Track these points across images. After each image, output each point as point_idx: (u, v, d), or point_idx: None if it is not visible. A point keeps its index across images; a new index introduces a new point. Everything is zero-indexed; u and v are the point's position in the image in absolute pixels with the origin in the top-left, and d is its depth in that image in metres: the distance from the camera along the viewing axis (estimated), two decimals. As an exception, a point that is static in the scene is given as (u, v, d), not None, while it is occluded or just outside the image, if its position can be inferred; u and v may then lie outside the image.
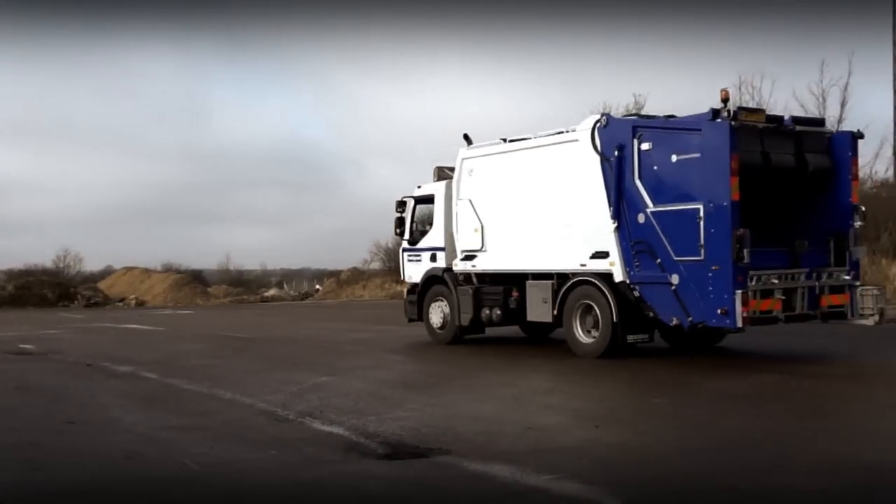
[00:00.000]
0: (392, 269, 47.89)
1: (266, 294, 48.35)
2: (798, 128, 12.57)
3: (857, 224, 12.51)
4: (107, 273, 57.10)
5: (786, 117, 12.75)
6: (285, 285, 53.80)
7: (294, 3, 78.61)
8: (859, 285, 12.74)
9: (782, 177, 12.43)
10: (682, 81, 55.08)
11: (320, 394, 10.24)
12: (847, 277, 12.45)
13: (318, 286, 51.53)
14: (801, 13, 44.89)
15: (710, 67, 60.32)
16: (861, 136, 12.99)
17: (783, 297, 11.86)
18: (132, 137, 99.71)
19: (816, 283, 12.21)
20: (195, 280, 48.69)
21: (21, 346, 18.09)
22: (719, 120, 11.42)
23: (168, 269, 51.61)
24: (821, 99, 33.23)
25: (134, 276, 49.92)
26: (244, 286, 53.66)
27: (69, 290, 42.47)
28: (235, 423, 8.61)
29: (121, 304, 41.56)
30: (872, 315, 12.85)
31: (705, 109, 11.59)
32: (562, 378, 11.58)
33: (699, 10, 50.40)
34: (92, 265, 62.47)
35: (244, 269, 61.68)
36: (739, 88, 40.46)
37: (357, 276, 49.12)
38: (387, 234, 54.09)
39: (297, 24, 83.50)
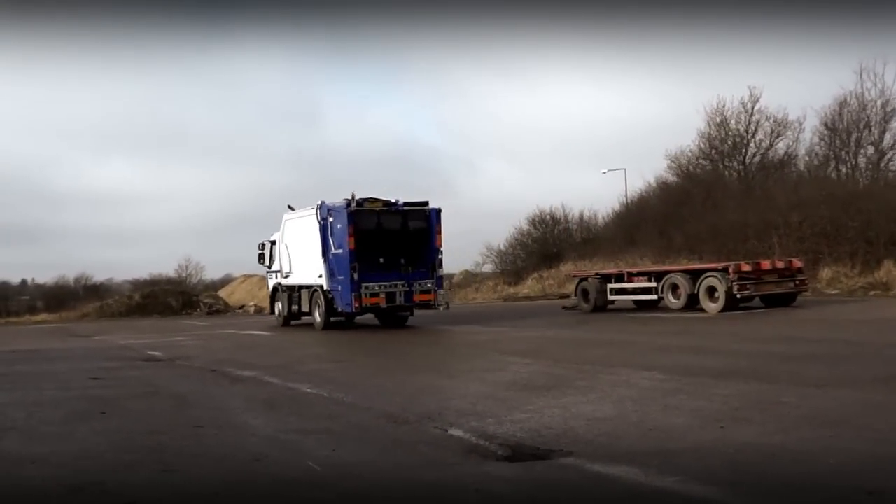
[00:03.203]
0: (504, 272, 47.98)
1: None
2: (406, 207, 23.40)
3: (440, 257, 23.40)
4: (226, 281, 58.89)
5: (399, 202, 23.36)
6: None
7: (403, 3, 79.34)
8: (437, 289, 23.37)
9: (394, 235, 23.11)
10: (801, 70, 53.32)
11: (438, 396, 10.29)
12: (430, 285, 23.18)
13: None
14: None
15: (830, 55, 58.26)
16: (440, 210, 23.51)
17: (385, 296, 22.63)
18: (246, 145, 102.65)
19: (411, 289, 22.91)
20: (311, 286, 49.47)
21: (149, 352, 18.80)
22: (346, 208, 22.25)
23: (285, 277, 52.72)
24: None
25: (252, 284, 51.25)
26: (358, 292, 54.26)
27: (192, 299, 44.00)
28: (356, 426, 8.71)
29: (240, 311, 42.72)
30: (442, 305, 23.70)
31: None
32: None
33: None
34: (212, 273, 64.70)
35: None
36: (861, 76, 39.03)
37: (469, 278, 49.25)
38: (499, 236, 54.28)
39: (407, 24, 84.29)
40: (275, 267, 27.54)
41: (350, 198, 22.37)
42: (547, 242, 48.48)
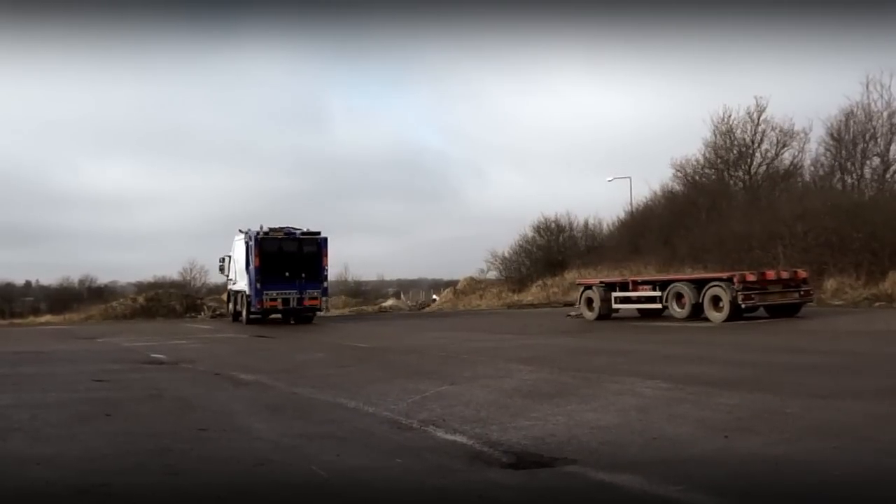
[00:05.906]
0: (509, 279, 47.92)
1: (384, 304, 48.90)
2: (302, 236, 31.39)
3: (326, 273, 31.77)
4: (231, 285, 58.67)
5: (298, 232, 31.46)
6: (402, 295, 54.30)
7: (412, 4, 79.43)
8: (323, 297, 31.59)
9: (293, 256, 31.01)
10: (808, 81, 53.35)
11: (442, 402, 10.28)
12: (317, 294, 31.10)
13: (434, 296, 51.79)
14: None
15: (837, 66, 58.40)
16: (327, 238, 31.74)
17: (281, 301, 30.69)
18: (251, 147, 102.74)
19: (302, 296, 30.79)
20: (315, 291, 49.49)
21: (153, 355, 18.80)
22: (257, 235, 30.77)
23: (288, 281, 52.72)
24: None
25: (256, 288, 51.09)
26: (362, 297, 54.38)
27: (196, 302, 43.97)
28: (360, 431, 8.71)
29: (244, 314, 42.63)
30: (324, 309, 32.73)
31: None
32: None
33: (824, 9, 48.86)
34: (216, 277, 64.62)
35: (361, 280, 62.60)
36: (867, 87, 38.98)
37: (474, 285, 49.20)
38: (504, 242, 54.24)
39: (416, 27, 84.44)
40: (230, 276, 35.21)
41: (260, 228, 31.01)
42: (551, 250, 48.47)
